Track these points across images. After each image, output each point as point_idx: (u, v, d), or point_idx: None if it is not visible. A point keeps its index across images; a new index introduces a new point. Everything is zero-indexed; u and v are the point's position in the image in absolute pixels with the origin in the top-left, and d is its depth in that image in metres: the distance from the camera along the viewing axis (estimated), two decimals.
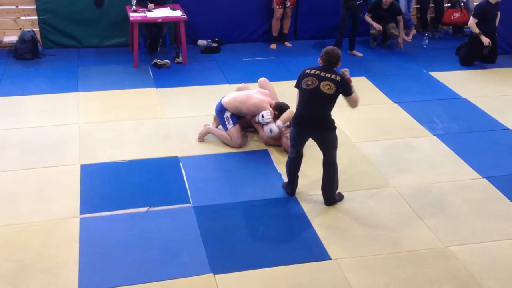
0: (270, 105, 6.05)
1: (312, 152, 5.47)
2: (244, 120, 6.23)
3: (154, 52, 8.65)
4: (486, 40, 8.26)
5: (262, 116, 5.94)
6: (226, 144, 6.04)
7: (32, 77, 7.70)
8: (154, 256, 4.44)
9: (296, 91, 5.07)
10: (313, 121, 4.87)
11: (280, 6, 8.79)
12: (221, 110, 6.09)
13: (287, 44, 9.22)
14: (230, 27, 9.18)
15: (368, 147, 6.16)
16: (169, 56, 8.51)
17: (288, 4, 8.78)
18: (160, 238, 4.64)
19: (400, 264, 4.44)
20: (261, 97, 6.08)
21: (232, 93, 6.26)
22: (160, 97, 7.22)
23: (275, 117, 6.02)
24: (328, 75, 4.83)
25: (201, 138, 6.14)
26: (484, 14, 8.20)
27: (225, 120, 6.03)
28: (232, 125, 5.99)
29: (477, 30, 8.24)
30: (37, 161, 5.68)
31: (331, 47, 4.96)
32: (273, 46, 9.16)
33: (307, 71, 4.94)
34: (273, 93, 6.39)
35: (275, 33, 9.11)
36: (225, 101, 6.09)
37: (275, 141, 6.06)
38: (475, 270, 4.40)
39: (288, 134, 5.85)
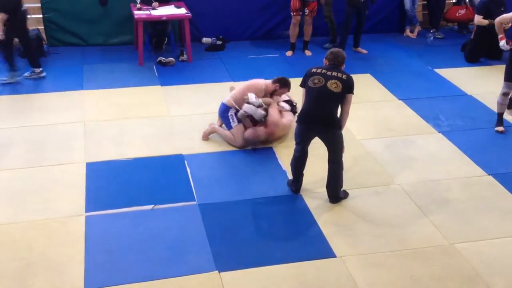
0: (267, 84, 6.09)
1: (317, 150, 5.46)
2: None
3: (159, 50, 8.65)
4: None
5: (248, 102, 5.94)
6: (229, 143, 6.04)
7: None
8: (159, 253, 4.44)
9: (301, 89, 5.08)
10: (320, 120, 4.87)
11: (296, 13, 8.45)
12: (225, 109, 6.11)
13: (307, 52, 8.82)
14: (234, 24, 9.17)
15: (373, 144, 6.15)
16: (173, 54, 8.51)
17: (306, 12, 8.43)
18: (165, 236, 4.65)
19: (405, 262, 4.43)
20: (252, 80, 6.20)
21: (230, 93, 6.32)
22: (165, 94, 7.23)
23: (275, 92, 6.13)
24: (334, 73, 4.84)
25: (206, 137, 6.14)
26: (487, 10, 8.15)
27: (230, 118, 6.04)
28: (236, 123, 6.00)
29: (486, 22, 8.17)
30: (43, 159, 5.69)
31: (336, 48, 5.05)
32: (289, 53, 8.73)
33: (313, 70, 4.95)
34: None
35: (292, 40, 8.71)
36: (226, 100, 6.15)
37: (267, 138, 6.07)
38: (480, 267, 4.39)
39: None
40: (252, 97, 5.93)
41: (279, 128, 6.07)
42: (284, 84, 6.11)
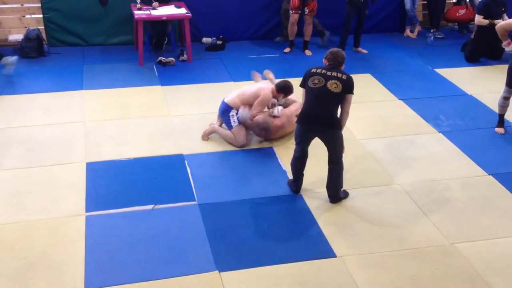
0: (272, 91, 6.07)
1: (317, 150, 5.46)
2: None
3: (159, 50, 8.65)
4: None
5: (239, 114, 5.98)
6: (230, 143, 6.04)
7: (38, 75, 7.72)
8: (160, 253, 4.45)
9: (301, 90, 5.08)
10: (321, 120, 4.86)
11: (294, 11, 8.47)
12: (225, 109, 6.11)
13: (307, 52, 8.82)
14: (235, 24, 9.17)
15: (373, 144, 6.15)
16: (174, 54, 8.51)
17: (306, 11, 8.45)
18: (166, 236, 4.65)
19: (405, 261, 4.44)
20: (259, 85, 6.18)
21: (233, 92, 6.30)
22: (165, 94, 7.23)
23: (281, 98, 6.16)
24: (334, 74, 4.84)
25: (206, 137, 6.14)
26: (487, 10, 8.15)
27: (230, 118, 6.04)
28: (237, 123, 6.00)
29: (486, 22, 8.16)
30: (43, 159, 5.69)
31: (336, 48, 5.04)
32: (287, 50, 8.83)
33: (313, 70, 4.95)
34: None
35: (290, 38, 8.80)
36: (228, 100, 6.13)
37: (267, 134, 6.07)
38: (481, 268, 4.39)
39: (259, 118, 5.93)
40: (274, 110, 6.01)
41: (291, 124, 6.06)
42: (288, 92, 6.09)
